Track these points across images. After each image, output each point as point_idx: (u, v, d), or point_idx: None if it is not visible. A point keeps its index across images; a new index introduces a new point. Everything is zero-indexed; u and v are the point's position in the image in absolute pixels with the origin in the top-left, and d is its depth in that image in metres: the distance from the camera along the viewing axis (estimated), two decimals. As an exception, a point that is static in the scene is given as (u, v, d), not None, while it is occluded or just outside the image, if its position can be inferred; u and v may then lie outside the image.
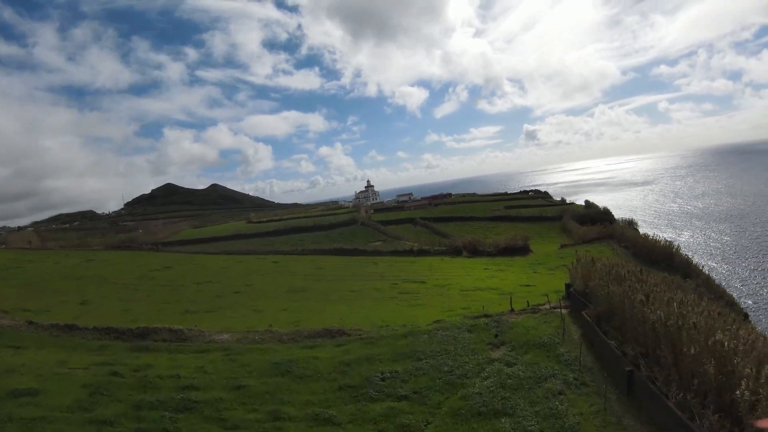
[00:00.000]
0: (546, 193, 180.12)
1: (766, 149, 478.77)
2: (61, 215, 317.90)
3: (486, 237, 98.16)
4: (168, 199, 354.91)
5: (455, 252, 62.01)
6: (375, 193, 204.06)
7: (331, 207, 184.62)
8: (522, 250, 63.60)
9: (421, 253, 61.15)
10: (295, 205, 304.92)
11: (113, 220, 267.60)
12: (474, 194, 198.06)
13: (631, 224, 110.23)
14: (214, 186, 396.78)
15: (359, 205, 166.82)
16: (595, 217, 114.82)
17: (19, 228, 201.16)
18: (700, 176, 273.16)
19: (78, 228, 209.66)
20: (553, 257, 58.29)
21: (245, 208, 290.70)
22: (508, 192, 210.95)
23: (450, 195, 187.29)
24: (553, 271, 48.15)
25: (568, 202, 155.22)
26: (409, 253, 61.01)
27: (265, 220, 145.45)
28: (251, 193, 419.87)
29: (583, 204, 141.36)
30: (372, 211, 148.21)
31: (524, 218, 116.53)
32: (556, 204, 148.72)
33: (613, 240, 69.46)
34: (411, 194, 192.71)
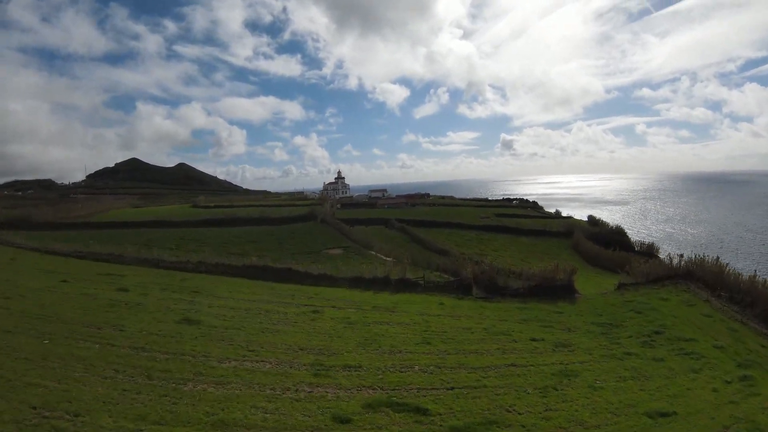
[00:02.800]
0: (535, 203, 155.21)
1: (737, 180, 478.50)
2: (17, 182, 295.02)
3: (483, 252, 72.17)
4: (131, 174, 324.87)
5: (459, 286, 34.80)
6: (345, 186, 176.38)
7: (296, 197, 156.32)
8: (565, 292, 36.84)
9: (404, 286, 33.55)
10: (264, 193, 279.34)
11: (68, 191, 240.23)
12: (452, 197, 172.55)
13: (652, 249, 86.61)
14: (181, 165, 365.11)
15: (326, 198, 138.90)
16: (608, 236, 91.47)
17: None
18: (671, 201, 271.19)
19: (25, 197, 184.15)
20: (623, 311, 31.39)
21: (212, 191, 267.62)
22: (489, 199, 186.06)
23: (429, 195, 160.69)
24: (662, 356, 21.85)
25: (564, 215, 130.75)
26: (383, 284, 33.36)
27: (212, 205, 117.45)
28: (221, 177, 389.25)
29: (586, 219, 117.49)
30: (338, 206, 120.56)
31: (525, 231, 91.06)
32: (550, 216, 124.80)
33: (695, 282, 43.26)
34: (385, 190, 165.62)
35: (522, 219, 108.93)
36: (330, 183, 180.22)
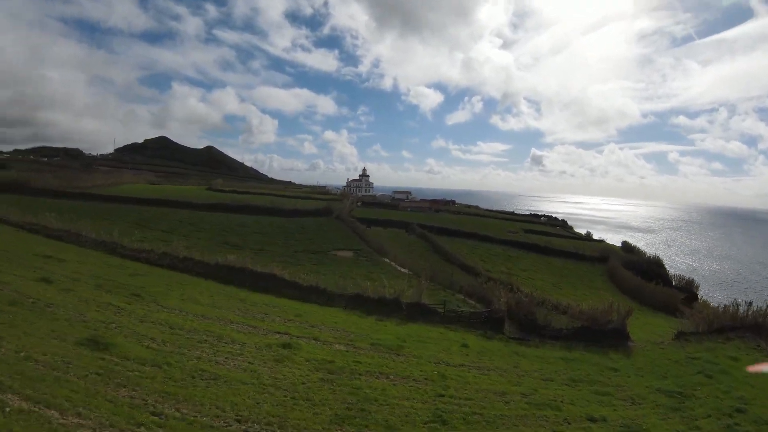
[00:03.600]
0: (564, 221, 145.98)
1: (766, 219, 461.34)
2: (45, 148, 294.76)
3: (511, 270, 64.22)
4: (159, 152, 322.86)
5: (488, 320, 27.12)
6: (369, 184, 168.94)
7: (317, 191, 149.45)
8: (617, 337, 29.14)
9: (417, 313, 25.82)
10: (289, 183, 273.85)
11: (94, 161, 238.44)
12: (478, 207, 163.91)
13: (692, 286, 78.32)
14: (209, 148, 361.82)
15: (347, 194, 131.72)
16: (645, 266, 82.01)
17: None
18: (697, 233, 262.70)
19: (50, 164, 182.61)
20: (690, 372, 23.53)
21: (236, 176, 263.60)
22: (516, 213, 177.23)
23: (454, 203, 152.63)
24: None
25: (596, 237, 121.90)
26: (391, 308, 25.64)
27: (228, 189, 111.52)
28: (249, 164, 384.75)
29: (620, 245, 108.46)
30: (359, 204, 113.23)
31: (556, 251, 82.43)
32: (580, 237, 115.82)
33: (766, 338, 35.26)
34: (410, 193, 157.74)
35: (552, 238, 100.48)
36: (354, 180, 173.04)
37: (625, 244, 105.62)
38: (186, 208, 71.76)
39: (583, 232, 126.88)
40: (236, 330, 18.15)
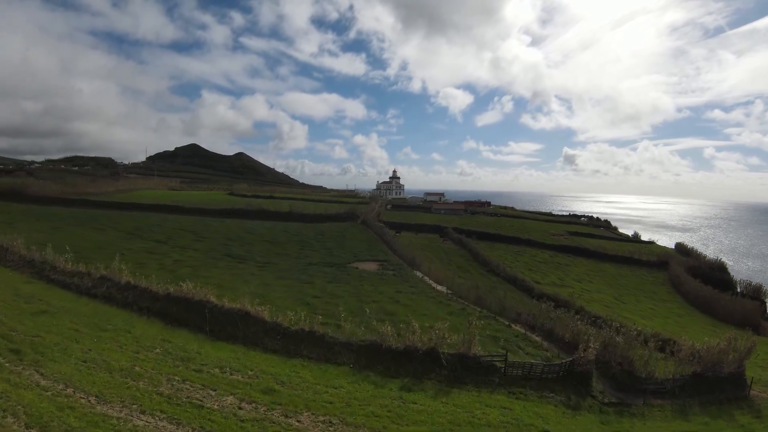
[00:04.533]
0: (607, 222, 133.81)
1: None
2: (76, 157, 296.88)
3: (563, 281, 54.59)
4: (189, 159, 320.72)
5: (568, 375, 17.38)
6: (400, 186, 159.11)
7: (346, 194, 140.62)
8: (734, 386, 18.99)
9: (465, 370, 16.15)
10: (320, 187, 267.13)
11: (125, 169, 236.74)
12: (513, 208, 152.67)
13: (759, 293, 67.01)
14: (239, 155, 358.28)
15: (376, 197, 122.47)
16: (707, 272, 72.30)
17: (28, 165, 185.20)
18: (734, 231, 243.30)
19: (81, 172, 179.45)
20: None
21: (266, 181, 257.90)
22: (554, 213, 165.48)
23: (489, 204, 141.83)
24: None
25: (644, 239, 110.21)
26: (425, 365, 16.09)
27: (249, 194, 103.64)
28: (280, 170, 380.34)
29: (673, 247, 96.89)
30: (388, 207, 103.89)
31: (609, 256, 72.04)
32: (627, 239, 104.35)
33: None
34: (442, 194, 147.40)
35: (599, 240, 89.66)
36: (384, 182, 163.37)
37: (680, 247, 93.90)
38: (194, 214, 63.77)
39: (633, 233, 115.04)
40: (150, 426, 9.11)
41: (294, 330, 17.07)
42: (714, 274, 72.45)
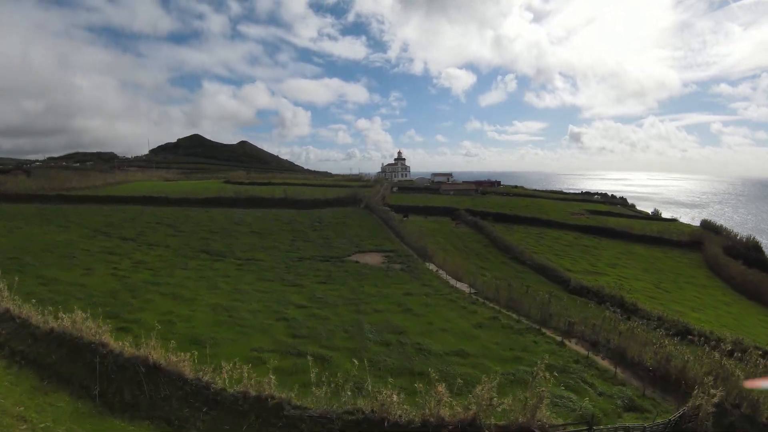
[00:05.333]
0: (623, 199, 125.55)
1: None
2: (78, 153, 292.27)
3: (595, 267, 47.56)
4: (192, 150, 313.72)
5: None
6: (406, 168, 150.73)
7: (351, 178, 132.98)
8: None
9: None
10: (326, 173, 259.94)
11: (123, 163, 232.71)
12: (523, 187, 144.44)
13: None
14: (242, 143, 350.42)
15: (382, 180, 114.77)
16: (743, 252, 64.50)
17: (27, 164, 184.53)
18: (744, 206, 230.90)
19: (84, 168, 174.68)
20: None
21: (269, 168, 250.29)
22: (566, 191, 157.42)
23: (499, 183, 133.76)
24: None
25: (666, 216, 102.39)
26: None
27: (246, 181, 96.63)
28: (285, 157, 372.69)
29: (699, 224, 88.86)
30: (394, 189, 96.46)
31: (636, 236, 64.59)
32: (648, 217, 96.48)
33: None
34: (450, 175, 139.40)
35: (620, 219, 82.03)
36: (389, 164, 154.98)
37: (708, 224, 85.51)
38: (178, 205, 57.04)
39: (652, 211, 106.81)
40: None
41: (232, 395, 9.82)
42: (750, 254, 64.89)
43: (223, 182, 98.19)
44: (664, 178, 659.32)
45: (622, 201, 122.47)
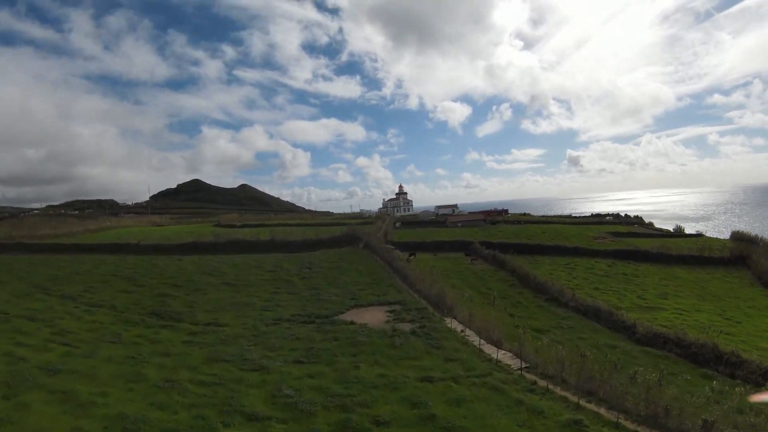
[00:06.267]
0: (639, 218, 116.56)
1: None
2: (78, 201, 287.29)
3: (648, 302, 38.68)
4: (192, 195, 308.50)
5: None
6: (408, 202, 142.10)
7: (351, 216, 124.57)
8: None
9: None
10: (327, 213, 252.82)
11: (121, 210, 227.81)
12: (530, 214, 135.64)
13: None
14: (243, 187, 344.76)
15: (383, 216, 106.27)
16: None
17: (24, 212, 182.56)
18: (747, 214, 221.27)
19: (82, 216, 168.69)
20: None
21: (271, 211, 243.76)
22: (574, 215, 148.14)
23: (507, 212, 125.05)
24: None
25: (690, 232, 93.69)
26: None
27: (239, 224, 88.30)
28: (286, 198, 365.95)
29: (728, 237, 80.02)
30: (398, 225, 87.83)
31: (674, 258, 55.79)
32: (670, 234, 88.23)
33: None
34: (456, 206, 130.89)
35: (645, 239, 73.24)
36: (391, 199, 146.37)
37: (738, 236, 76.42)
38: (149, 252, 48.67)
39: (674, 227, 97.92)
40: None
41: None
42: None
43: (214, 225, 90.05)
44: (665, 195, 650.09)
45: (638, 220, 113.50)
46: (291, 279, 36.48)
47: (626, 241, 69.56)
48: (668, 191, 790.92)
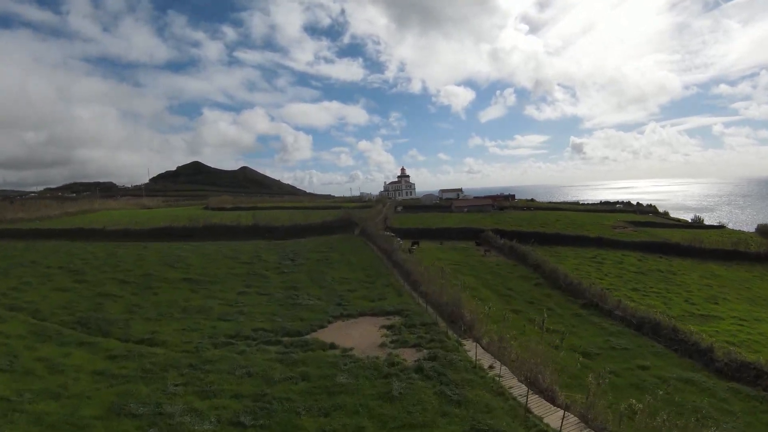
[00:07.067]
0: (653, 206, 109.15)
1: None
2: (76, 184, 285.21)
3: (695, 302, 32.57)
4: (192, 177, 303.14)
5: None
6: (410, 185, 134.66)
7: (350, 200, 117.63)
8: None
9: None
10: (329, 196, 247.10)
11: (120, 192, 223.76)
12: (536, 200, 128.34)
13: None
14: (243, 169, 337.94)
15: (384, 200, 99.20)
16: None
17: (20, 195, 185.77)
18: (751, 206, 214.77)
19: (79, 198, 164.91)
20: None
21: (272, 193, 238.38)
22: (581, 202, 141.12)
23: (514, 197, 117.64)
24: None
25: (710, 223, 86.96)
26: None
27: (228, 207, 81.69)
28: (288, 182, 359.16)
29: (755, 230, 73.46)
30: (399, 209, 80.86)
31: (708, 252, 48.88)
32: (689, 225, 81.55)
33: None
34: (461, 190, 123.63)
35: (665, 230, 66.40)
36: (392, 182, 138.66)
37: (764, 228, 70.17)
38: (115, 239, 41.98)
39: (693, 218, 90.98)
40: None
41: None
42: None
43: (203, 208, 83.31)
44: (668, 184, 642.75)
45: (653, 209, 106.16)
46: (266, 274, 29.61)
47: (648, 231, 62.69)
48: (671, 181, 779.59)
